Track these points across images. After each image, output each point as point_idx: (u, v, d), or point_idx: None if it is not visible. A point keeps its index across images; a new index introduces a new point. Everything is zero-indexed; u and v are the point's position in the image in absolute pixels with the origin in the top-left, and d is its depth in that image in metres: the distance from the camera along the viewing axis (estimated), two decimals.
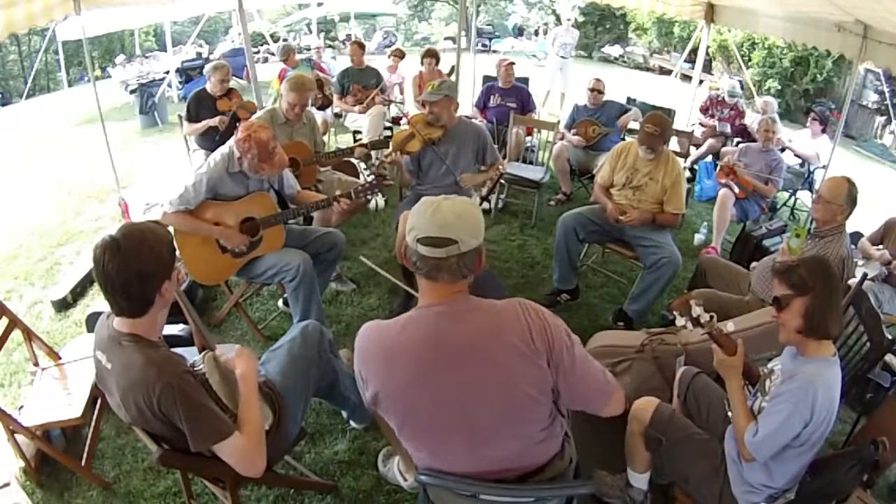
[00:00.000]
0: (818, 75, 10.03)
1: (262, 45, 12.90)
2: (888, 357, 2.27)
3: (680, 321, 1.66)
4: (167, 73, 8.81)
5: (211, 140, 4.01)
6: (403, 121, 5.20)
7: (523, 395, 1.21)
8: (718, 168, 4.30)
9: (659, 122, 2.93)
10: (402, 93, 6.02)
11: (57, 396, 2.11)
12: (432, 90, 2.99)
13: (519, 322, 1.20)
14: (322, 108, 5.30)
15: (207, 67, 4.21)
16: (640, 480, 1.89)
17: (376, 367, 1.25)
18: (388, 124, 5.25)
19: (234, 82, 4.53)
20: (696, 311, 1.63)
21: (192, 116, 4.13)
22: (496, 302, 1.25)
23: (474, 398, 1.20)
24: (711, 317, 1.63)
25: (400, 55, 6.21)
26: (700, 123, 5.56)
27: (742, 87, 6.54)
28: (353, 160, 3.83)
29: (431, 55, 5.49)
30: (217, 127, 4.00)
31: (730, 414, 1.65)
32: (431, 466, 1.29)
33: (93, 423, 2.18)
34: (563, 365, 1.22)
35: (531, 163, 4.76)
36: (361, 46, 5.38)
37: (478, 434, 1.23)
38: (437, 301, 1.23)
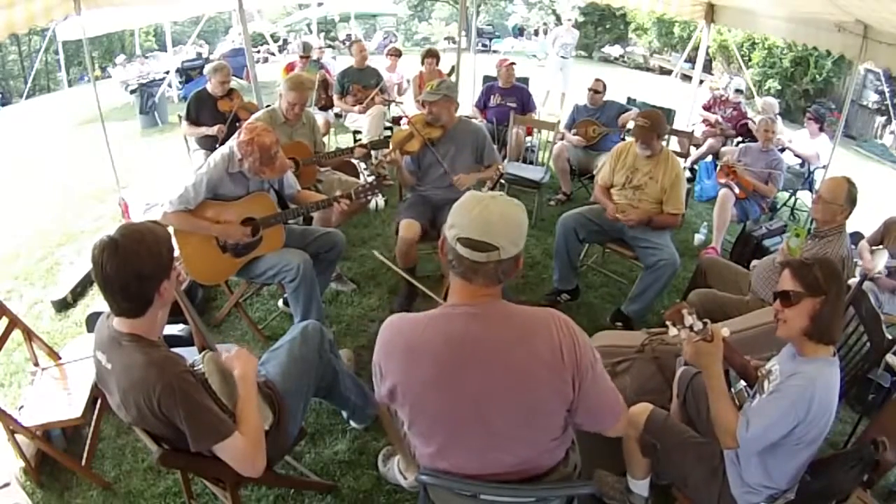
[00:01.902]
0: (818, 75, 10.03)
1: (262, 45, 12.91)
2: (888, 357, 2.27)
3: (672, 331, 1.65)
4: (167, 73, 8.81)
5: (212, 140, 4.01)
6: (404, 121, 5.22)
7: (543, 405, 1.20)
8: (718, 168, 4.30)
9: (649, 115, 2.95)
10: (400, 93, 6.02)
11: (57, 396, 2.11)
12: (431, 90, 2.98)
13: (551, 336, 1.18)
14: (324, 108, 5.30)
15: (208, 68, 4.20)
16: (640, 487, 1.88)
17: (398, 361, 1.24)
18: (388, 124, 5.25)
19: (234, 82, 4.52)
20: (689, 319, 1.61)
21: (192, 117, 4.13)
22: (527, 309, 1.23)
23: (493, 402, 1.19)
24: (705, 323, 1.61)
25: (397, 54, 6.21)
26: (703, 121, 5.57)
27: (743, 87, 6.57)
28: (353, 160, 3.83)
29: (432, 55, 5.49)
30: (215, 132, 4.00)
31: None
32: (436, 465, 1.28)
33: (93, 423, 2.18)
34: (586, 382, 1.21)
35: (531, 163, 4.76)
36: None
37: (492, 437, 1.22)
38: (467, 301, 1.21)
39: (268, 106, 3.65)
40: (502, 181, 4.14)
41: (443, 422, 1.24)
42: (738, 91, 5.55)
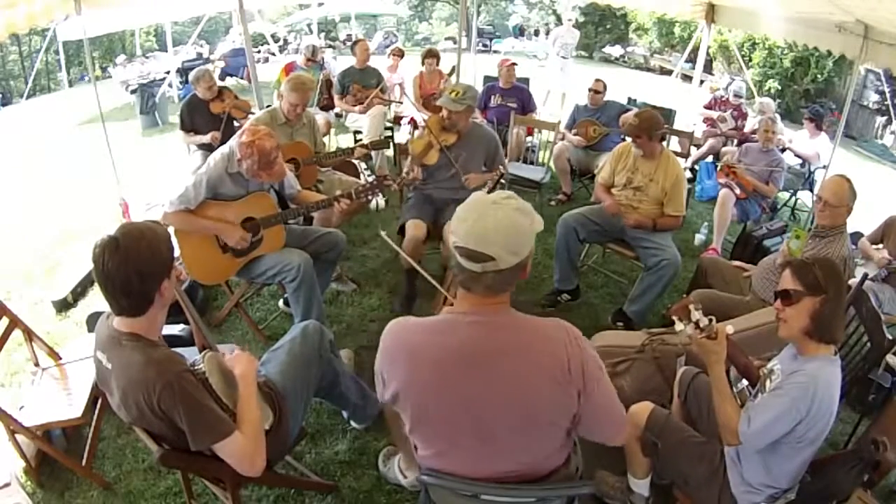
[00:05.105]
0: (819, 75, 10.04)
1: (262, 45, 12.91)
2: (889, 357, 2.27)
3: (679, 326, 1.65)
4: (168, 73, 8.81)
5: (210, 143, 4.01)
6: (404, 121, 5.22)
7: (544, 418, 1.19)
8: (719, 168, 4.30)
9: (640, 114, 2.94)
10: (402, 93, 6.02)
11: (57, 396, 2.11)
12: (456, 98, 2.90)
13: (561, 349, 1.16)
14: (325, 108, 5.29)
15: (191, 77, 4.19)
16: (640, 486, 1.88)
17: (400, 365, 1.22)
18: (388, 124, 5.24)
19: (234, 82, 4.51)
20: (696, 315, 1.62)
21: (186, 124, 4.15)
22: (539, 321, 1.21)
23: (494, 412, 1.18)
24: (711, 320, 1.62)
25: (400, 54, 6.21)
26: (705, 119, 5.57)
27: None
28: (353, 160, 3.83)
29: (432, 55, 5.49)
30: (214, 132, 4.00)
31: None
32: (436, 467, 1.28)
33: (93, 423, 2.17)
34: (593, 397, 1.19)
35: (531, 163, 4.75)
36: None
37: (490, 445, 1.21)
38: (473, 309, 1.18)
39: (268, 106, 3.65)
40: (503, 181, 4.13)
41: (443, 427, 1.24)
42: (737, 95, 5.54)
